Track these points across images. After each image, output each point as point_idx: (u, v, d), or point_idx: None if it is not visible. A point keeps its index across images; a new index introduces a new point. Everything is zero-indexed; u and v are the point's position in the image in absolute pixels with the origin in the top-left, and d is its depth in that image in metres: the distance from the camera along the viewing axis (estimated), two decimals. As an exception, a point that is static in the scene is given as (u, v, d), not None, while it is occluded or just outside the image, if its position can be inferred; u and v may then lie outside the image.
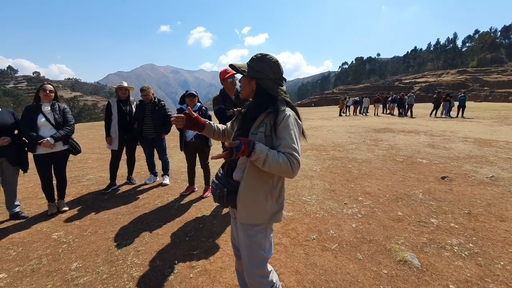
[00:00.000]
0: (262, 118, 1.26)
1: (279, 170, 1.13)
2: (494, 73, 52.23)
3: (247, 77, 1.34)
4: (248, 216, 1.29)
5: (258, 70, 1.30)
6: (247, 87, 1.35)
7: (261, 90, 1.31)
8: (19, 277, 2.03)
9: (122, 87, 3.99)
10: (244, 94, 1.40)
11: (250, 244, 1.32)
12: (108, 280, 2.00)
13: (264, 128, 1.22)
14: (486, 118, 13.17)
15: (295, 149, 1.15)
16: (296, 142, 1.17)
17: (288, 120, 1.20)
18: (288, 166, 1.12)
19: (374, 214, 3.01)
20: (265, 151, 1.13)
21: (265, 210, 1.29)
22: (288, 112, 1.23)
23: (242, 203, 1.28)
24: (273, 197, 1.30)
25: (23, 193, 3.83)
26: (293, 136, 1.18)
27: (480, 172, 4.42)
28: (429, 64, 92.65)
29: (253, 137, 1.23)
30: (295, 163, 1.13)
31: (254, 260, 1.33)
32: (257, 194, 1.26)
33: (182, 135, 3.54)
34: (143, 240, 2.57)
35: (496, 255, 2.22)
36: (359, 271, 2.05)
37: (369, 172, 4.58)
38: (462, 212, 3.02)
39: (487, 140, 7.28)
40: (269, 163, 1.12)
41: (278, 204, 1.33)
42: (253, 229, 1.31)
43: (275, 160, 1.12)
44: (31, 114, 2.92)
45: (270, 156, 1.12)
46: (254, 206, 1.28)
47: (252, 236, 1.32)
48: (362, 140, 7.73)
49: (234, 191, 1.29)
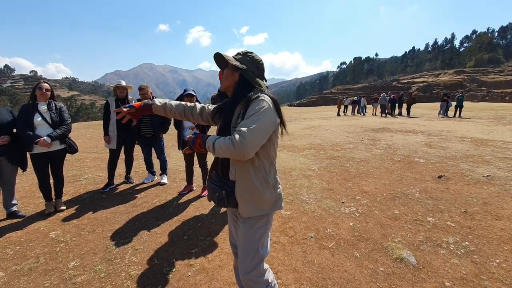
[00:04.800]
0: (239, 109, 1.26)
1: (226, 151, 1.15)
2: (491, 73, 52.57)
3: (230, 68, 1.33)
4: (252, 209, 1.28)
5: (244, 63, 1.31)
6: (229, 78, 1.34)
7: (243, 81, 1.31)
8: (17, 276, 2.03)
9: (120, 86, 3.97)
10: (224, 85, 1.38)
11: (249, 241, 1.32)
12: (106, 278, 2.00)
13: (241, 119, 1.21)
14: (483, 118, 13.26)
15: (245, 127, 1.13)
16: (255, 121, 1.14)
17: (258, 102, 1.19)
18: (229, 144, 1.12)
19: (371, 213, 3.03)
20: (212, 140, 1.20)
21: (266, 199, 1.28)
22: (262, 97, 1.21)
23: (242, 198, 1.27)
24: (269, 185, 1.30)
25: (21, 192, 3.81)
26: (255, 115, 1.16)
27: (477, 171, 4.45)
28: (427, 64, 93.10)
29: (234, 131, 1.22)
30: (236, 138, 1.11)
31: (250, 259, 1.32)
32: (253, 185, 1.26)
33: (180, 134, 3.54)
34: (141, 239, 2.57)
35: (491, 253, 2.24)
36: (356, 269, 2.07)
37: (367, 171, 4.60)
38: (458, 210, 3.05)
39: (484, 139, 7.33)
40: (217, 150, 1.17)
41: (277, 192, 1.34)
42: (255, 224, 1.31)
43: (219, 144, 1.16)
44: (27, 113, 2.90)
45: (216, 142, 1.18)
46: (254, 197, 1.27)
47: (253, 233, 1.32)
48: (360, 140, 7.76)
49: (232, 191, 1.28)
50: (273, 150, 1.33)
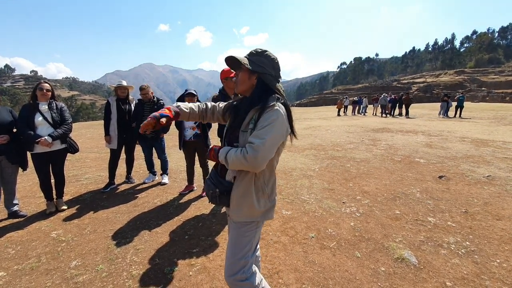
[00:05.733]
0: (252, 114, 1.24)
1: (239, 164, 1.15)
2: (492, 73, 52.52)
3: (247, 72, 1.26)
4: (241, 214, 1.29)
5: (260, 65, 1.25)
6: (246, 82, 1.28)
7: (262, 85, 1.26)
8: (18, 276, 2.03)
9: (121, 86, 3.98)
10: (241, 89, 1.32)
11: (237, 244, 1.32)
12: (107, 278, 2.00)
13: (253, 125, 1.21)
14: (484, 118, 13.26)
15: (259, 138, 1.12)
16: (267, 133, 1.13)
17: (272, 113, 1.17)
18: (241, 158, 1.13)
19: (372, 213, 3.03)
20: (224, 153, 1.20)
21: (257, 208, 1.28)
22: (277, 107, 1.19)
23: (235, 201, 1.29)
24: (265, 194, 1.30)
25: (22, 191, 3.82)
26: (267, 127, 1.14)
27: (477, 171, 4.45)
28: (427, 65, 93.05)
29: (243, 135, 1.23)
30: (250, 153, 1.10)
31: (236, 261, 1.31)
32: (249, 191, 1.26)
33: (181, 134, 3.54)
34: (142, 238, 2.58)
35: (492, 253, 2.24)
36: (357, 269, 2.07)
37: (367, 172, 4.60)
38: (459, 211, 3.05)
39: (484, 140, 7.33)
40: (230, 163, 1.17)
41: (271, 201, 1.34)
42: (243, 227, 1.31)
43: (232, 157, 1.16)
44: (28, 113, 2.90)
45: (229, 155, 1.17)
46: (246, 204, 1.27)
47: (241, 236, 1.32)
48: (361, 140, 7.76)
49: (226, 191, 1.29)
50: (277, 159, 1.33)
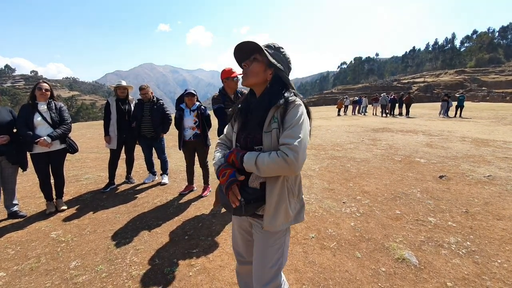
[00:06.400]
0: (273, 112, 1.12)
1: (277, 169, 1.03)
2: (492, 73, 52.49)
3: (263, 64, 1.16)
4: (278, 223, 1.17)
5: (278, 60, 1.17)
6: (260, 75, 1.17)
7: (278, 80, 1.17)
8: (18, 276, 2.03)
9: (121, 86, 3.98)
10: (252, 81, 1.19)
11: (267, 252, 1.23)
12: (107, 278, 1.99)
13: (276, 123, 1.10)
14: (484, 118, 13.24)
15: (295, 138, 1.02)
16: (300, 131, 1.04)
17: (298, 109, 1.09)
18: (281, 162, 1.01)
19: (373, 213, 3.02)
20: (253, 158, 1.06)
21: (290, 212, 1.19)
22: (299, 102, 1.12)
23: (272, 209, 1.15)
24: (294, 195, 1.21)
25: (22, 192, 3.81)
26: (299, 125, 1.05)
27: (478, 171, 4.44)
28: (428, 64, 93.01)
29: (267, 136, 1.11)
30: (290, 156, 1.00)
31: (267, 270, 1.22)
32: (284, 196, 1.16)
33: (180, 134, 3.54)
34: (142, 239, 2.57)
35: (493, 253, 2.24)
36: (357, 269, 2.06)
37: (368, 172, 4.59)
38: (460, 210, 3.04)
39: (485, 139, 7.32)
40: (263, 169, 1.04)
41: (300, 201, 1.26)
42: (273, 236, 1.21)
43: (266, 163, 1.03)
44: (27, 113, 2.90)
45: (261, 161, 1.04)
46: (282, 210, 1.16)
47: (271, 244, 1.22)
48: (361, 140, 7.75)
49: (252, 199, 1.13)
50: None
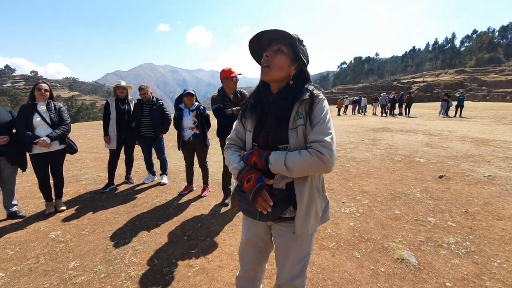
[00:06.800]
0: (297, 108, 1.05)
1: (310, 169, 0.98)
2: (492, 73, 52.47)
3: (289, 57, 1.07)
4: (309, 225, 1.11)
5: (304, 54, 1.08)
6: (285, 70, 1.08)
7: (302, 75, 1.11)
8: (17, 276, 2.03)
9: (120, 86, 3.98)
10: (276, 76, 1.08)
11: (296, 253, 1.18)
12: (105, 279, 1.99)
13: (302, 120, 1.03)
14: (484, 118, 13.23)
15: (326, 134, 0.97)
16: (330, 127, 1.01)
17: (323, 103, 1.05)
18: (317, 161, 0.95)
19: (372, 213, 3.02)
20: (282, 159, 0.98)
21: (318, 210, 1.14)
22: (322, 96, 1.08)
23: (303, 212, 1.08)
24: (320, 194, 1.16)
25: (21, 192, 3.81)
26: (328, 121, 1.02)
27: (478, 171, 4.44)
28: (428, 64, 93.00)
29: (293, 134, 1.04)
30: (325, 154, 0.94)
31: (295, 268, 1.19)
32: (313, 196, 1.10)
33: (180, 135, 3.53)
34: (141, 239, 2.57)
35: (492, 253, 2.23)
36: (356, 269, 2.06)
37: (367, 171, 4.59)
38: (459, 210, 3.03)
39: (485, 139, 7.31)
40: (295, 170, 0.98)
41: (324, 199, 1.21)
42: (299, 239, 1.15)
43: (298, 163, 0.97)
44: (26, 114, 2.89)
45: (291, 161, 0.97)
46: (313, 211, 1.11)
47: (297, 246, 1.17)
48: (361, 140, 7.75)
49: (279, 200, 1.05)
50: None
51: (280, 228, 1.19)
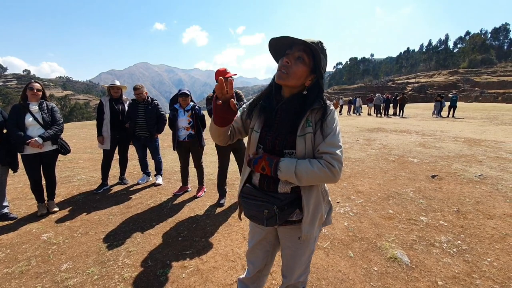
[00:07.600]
0: (307, 116, 1.06)
1: (318, 179, 1.00)
2: (484, 74, 53.32)
3: (309, 68, 1.06)
4: (314, 229, 1.14)
5: (323, 66, 1.07)
6: (302, 79, 1.07)
7: (318, 87, 1.10)
8: (8, 279, 2.00)
9: (114, 86, 3.94)
10: (292, 83, 1.06)
11: (302, 255, 1.23)
12: (98, 281, 1.97)
13: (311, 128, 1.05)
14: (476, 118, 13.45)
15: (337, 147, 1.01)
16: (340, 139, 1.04)
17: (334, 114, 1.08)
18: (327, 173, 0.98)
19: (366, 213, 3.05)
20: (293, 168, 0.99)
21: (323, 213, 1.16)
22: (332, 107, 1.11)
23: (310, 216, 1.11)
24: (325, 199, 1.19)
25: (12, 193, 3.75)
26: (338, 133, 1.05)
27: (469, 171, 4.51)
28: (422, 65, 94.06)
29: (301, 140, 1.04)
30: (336, 166, 0.98)
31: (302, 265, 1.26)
32: (319, 200, 1.13)
33: (175, 135, 3.51)
34: (135, 240, 2.55)
35: (483, 252, 2.27)
36: (350, 269, 2.08)
37: (362, 171, 4.63)
38: (451, 210, 3.08)
39: (477, 139, 7.44)
40: (304, 179, 1.00)
41: (328, 204, 1.23)
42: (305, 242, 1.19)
43: (309, 172, 0.98)
44: (18, 114, 2.84)
45: (301, 171, 0.99)
46: (319, 215, 1.13)
47: (303, 248, 1.21)
48: (355, 140, 7.81)
49: (285, 204, 1.07)
50: None
51: (286, 231, 1.22)
